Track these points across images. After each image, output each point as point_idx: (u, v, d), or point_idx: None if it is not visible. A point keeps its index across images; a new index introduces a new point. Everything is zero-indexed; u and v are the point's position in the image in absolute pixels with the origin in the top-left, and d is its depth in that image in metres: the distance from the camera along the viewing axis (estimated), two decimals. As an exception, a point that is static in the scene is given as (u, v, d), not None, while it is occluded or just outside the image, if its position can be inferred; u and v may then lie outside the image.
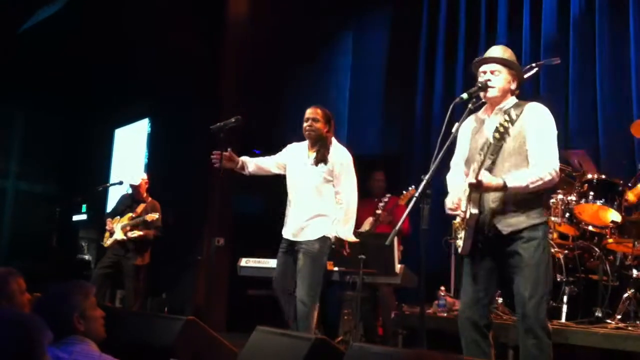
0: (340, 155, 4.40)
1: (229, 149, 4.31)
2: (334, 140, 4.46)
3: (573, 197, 4.75)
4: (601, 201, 4.61)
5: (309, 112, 4.39)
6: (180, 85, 8.36)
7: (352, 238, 4.38)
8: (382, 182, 6.32)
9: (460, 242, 3.23)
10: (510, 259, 3.15)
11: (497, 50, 3.33)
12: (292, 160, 4.48)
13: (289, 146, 4.58)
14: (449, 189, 3.37)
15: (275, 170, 4.54)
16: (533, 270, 3.09)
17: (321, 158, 4.33)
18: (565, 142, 5.29)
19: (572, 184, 4.83)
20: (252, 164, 4.48)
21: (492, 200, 3.16)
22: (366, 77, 7.90)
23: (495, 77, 3.24)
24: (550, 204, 4.87)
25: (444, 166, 3.08)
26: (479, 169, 3.03)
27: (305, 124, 4.38)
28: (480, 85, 3.23)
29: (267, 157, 4.55)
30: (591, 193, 4.64)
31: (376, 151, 7.48)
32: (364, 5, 7.99)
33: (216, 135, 4.30)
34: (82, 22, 8.84)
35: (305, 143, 4.48)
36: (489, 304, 3.31)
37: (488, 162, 3.06)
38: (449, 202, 3.28)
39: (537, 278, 3.08)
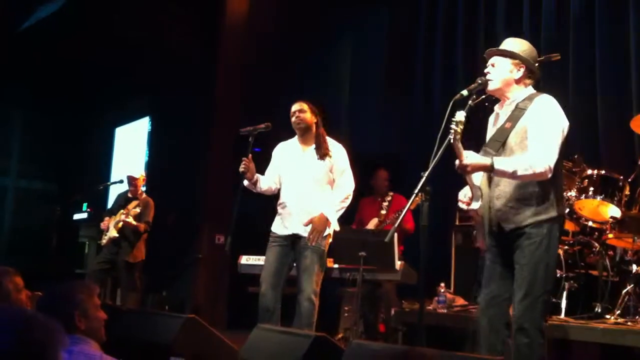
0: (339, 150, 4.41)
1: (250, 156, 4.30)
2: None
3: (573, 193, 4.74)
4: (601, 196, 4.61)
5: (295, 106, 4.40)
6: (180, 84, 8.37)
7: (336, 226, 4.34)
8: (386, 180, 6.30)
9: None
10: (513, 256, 3.11)
11: (504, 43, 3.30)
12: (286, 159, 4.46)
13: (276, 149, 4.56)
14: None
15: (278, 185, 4.49)
16: (531, 269, 3.04)
17: (324, 152, 4.32)
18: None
19: (572, 180, 4.83)
20: (265, 183, 4.44)
21: (496, 196, 3.14)
22: (365, 76, 7.89)
23: (494, 69, 3.22)
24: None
25: (444, 163, 3.06)
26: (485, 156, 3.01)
27: (293, 118, 4.38)
28: (480, 81, 3.21)
29: (266, 177, 4.48)
30: (591, 188, 4.64)
31: (376, 149, 7.47)
32: (362, 4, 7.98)
33: (244, 138, 4.32)
34: (81, 20, 8.83)
35: (294, 139, 4.47)
36: (507, 301, 3.17)
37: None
38: (461, 195, 3.26)
39: (534, 277, 3.03)
